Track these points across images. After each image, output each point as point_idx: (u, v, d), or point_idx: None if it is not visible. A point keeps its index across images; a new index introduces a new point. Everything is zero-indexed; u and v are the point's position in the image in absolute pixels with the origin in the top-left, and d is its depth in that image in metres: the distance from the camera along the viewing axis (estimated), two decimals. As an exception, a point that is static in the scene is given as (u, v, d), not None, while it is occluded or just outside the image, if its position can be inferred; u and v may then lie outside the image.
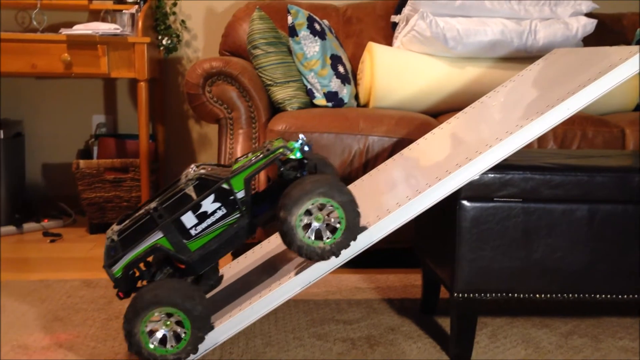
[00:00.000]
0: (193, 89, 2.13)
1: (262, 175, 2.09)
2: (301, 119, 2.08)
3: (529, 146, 1.97)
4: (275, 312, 1.71)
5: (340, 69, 2.34)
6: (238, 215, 1.37)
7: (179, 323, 1.31)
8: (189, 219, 1.36)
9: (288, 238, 1.31)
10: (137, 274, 1.41)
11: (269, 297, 1.36)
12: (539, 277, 1.43)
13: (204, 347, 1.35)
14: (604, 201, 1.42)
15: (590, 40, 2.45)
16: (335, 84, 2.29)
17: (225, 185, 1.36)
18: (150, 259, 1.44)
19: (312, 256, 1.32)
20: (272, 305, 1.36)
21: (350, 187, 1.76)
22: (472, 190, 1.40)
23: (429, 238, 1.62)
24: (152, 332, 1.31)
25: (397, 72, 2.33)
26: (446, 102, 2.35)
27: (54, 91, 2.87)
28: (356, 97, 2.42)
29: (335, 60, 2.33)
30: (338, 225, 1.32)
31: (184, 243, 1.36)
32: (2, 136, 2.55)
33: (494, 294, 1.43)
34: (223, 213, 1.37)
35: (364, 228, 1.36)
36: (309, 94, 2.29)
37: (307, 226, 1.31)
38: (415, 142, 1.80)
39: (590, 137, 2.11)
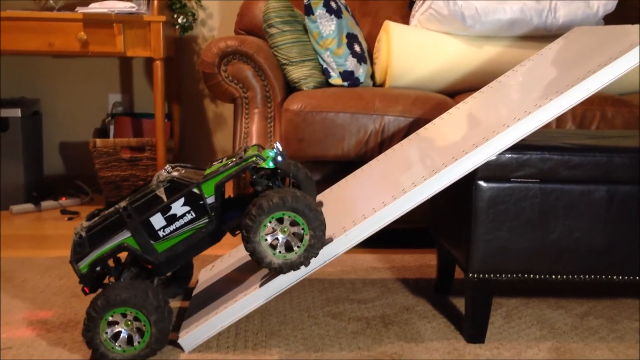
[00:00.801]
0: (208, 68, 2.13)
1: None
2: (316, 99, 2.07)
3: (547, 126, 1.95)
4: (290, 290, 1.72)
5: (357, 47, 2.32)
6: (207, 220, 1.39)
7: (139, 329, 1.33)
8: (157, 221, 1.37)
9: (247, 238, 1.33)
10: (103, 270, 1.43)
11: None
12: (556, 258, 1.42)
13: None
14: (623, 182, 1.41)
15: (611, 19, 2.40)
16: (351, 63, 2.28)
17: (195, 190, 1.37)
18: (124, 256, 1.46)
19: (264, 263, 1.34)
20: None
21: (365, 167, 1.76)
22: (488, 170, 1.39)
23: (444, 218, 1.61)
24: (111, 325, 1.32)
25: (414, 51, 2.31)
26: (463, 81, 2.33)
27: (70, 70, 2.88)
28: (372, 76, 2.41)
29: (352, 39, 2.31)
30: (296, 248, 1.34)
31: (151, 244, 1.38)
32: (20, 115, 2.57)
33: (509, 275, 1.43)
34: (192, 217, 1.38)
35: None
36: (325, 73, 2.27)
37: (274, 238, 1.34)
38: (431, 122, 1.78)
39: (609, 118, 2.08)
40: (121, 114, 2.84)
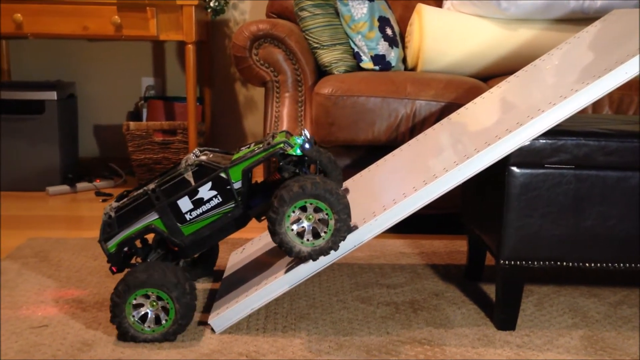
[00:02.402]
0: (240, 52, 2.13)
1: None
2: (347, 83, 2.06)
3: (583, 111, 1.91)
4: (320, 275, 1.73)
5: (388, 31, 2.29)
6: (233, 205, 1.40)
7: (164, 308, 1.35)
8: (185, 204, 1.39)
9: (273, 230, 1.34)
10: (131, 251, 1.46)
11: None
12: (589, 245, 1.40)
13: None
14: (661, 169, 1.37)
15: (652, 1, 2.33)
16: (382, 47, 2.26)
17: (223, 175, 1.38)
18: (151, 237, 1.48)
19: (290, 252, 1.35)
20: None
21: (396, 151, 1.75)
22: (522, 156, 1.37)
23: (476, 204, 1.60)
24: (137, 307, 1.35)
25: (447, 34, 2.27)
26: (497, 65, 2.29)
27: (104, 53, 2.92)
28: (404, 60, 2.38)
29: (383, 22, 2.29)
30: (323, 234, 1.34)
31: (178, 226, 1.40)
32: (55, 98, 2.62)
33: (541, 262, 1.41)
34: (219, 201, 1.39)
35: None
36: (356, 57, 2.26)
37: (298, 225, 1.34)
38: (463, 107, 1.76)
39: (648, 103, 2.03)
40: (154, 97, 2.87)
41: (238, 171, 1.39)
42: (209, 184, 1.38)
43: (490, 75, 2.29)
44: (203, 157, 1.42)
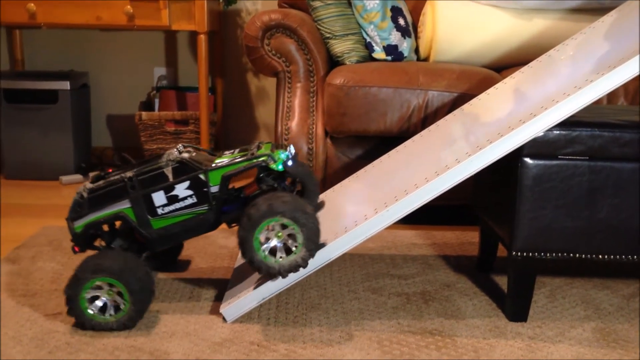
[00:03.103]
0: (252, 42, 2.13)
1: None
2: (359, 73, 2.05)
3: (597, 102, 1.89)
4: (331, 265, 1.73)
5: (401, 21, 2.28)
6: (207, 207, 1.40)
7: (119, 294, 1.35)
8: (159, 198, 1.39)
9: (243, 249, 1.34)
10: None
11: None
12: (603, 237, 1.39)
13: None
14: (677, 161, 1.36)
15: (669, -10, 2.29)
16: (395, 37, 2.24)
17: (202, 176, 1.39)
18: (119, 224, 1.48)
19: (261, 270, 1.35)
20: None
21: (408, 142, 1.74)
22: (535, 147, 1.36)
23: (488, 195, 1.59)
24: (92, 299, 1.35)
25: (460, 24, 2.25)
26: (511, 55, 2.27)
27: (117, 44, 2.93)
28: (416, 50, 2.37)
29: (396, 12, 2.27)
30: (294, 248, 1.34)
31: (148, 219, 1.40)
32: (69, 87, 2.63)
33: (554, 254, 1.40)
34: (193, 202, 1.39)
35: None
36: (368, 47, 2.25)
37: (268, 240, 1.35)
38: (476, 97, 1.75)
39: (664, 94, 2.00)
40: (166, 87, 2.88)
41: (218, 176, 1.39)
42: (187, 183, 1.39)
43: (504, 65, 2.27)
44: (185, 155, 1.41)
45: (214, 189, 1.39)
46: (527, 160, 1.37)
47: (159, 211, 1.40)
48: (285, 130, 2.12)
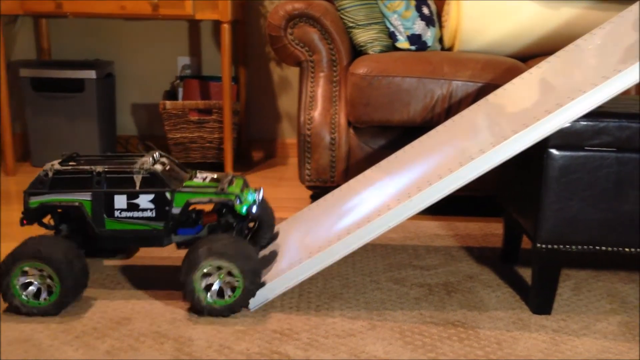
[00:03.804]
0: (275, 31, 2.13)
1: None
2: (383, 63, 2.04)
3: (625, 92, 1.86)
4: (353, 255, 1.74)
5: (425, 10, 2.26)
6: (162, 225, 1.41)
7: (50, 278, 1.36)
8: (120, 201, 1.40)
9: (184, 291, 1.37)
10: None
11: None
12: (630, 230, 1.37)
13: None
14: None
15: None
16: (419, 27, 2.23)
17: (168, 195, 1.40)
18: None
19: (201, 311, 1.38)
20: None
21: (432, 132, 1.73)
22: (561, 138, 1.34)
23: (512, 186, 1.57)
24: (24, 281, 1.37)
25: (485, 13, 2.23)
26: (537, 45, 2.24)
27: (141, 33, 2.95)
28: (440, 40, 2.35)
29: (420, 1, 2.25)
30: (231, 294, 1.37)
31: (104, 217, 1.41)
32: (95, 76, 2.66)
33: (579, 246, 1.39)
34: (151, 215, 1.41)
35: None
36: (392, 36, 2.23)
37: (208, 280, 1.37)
38: (501, 87, 1.73)
39: (695, 84, 1.96)
40: (189, 76, 2.89)
41: (183, 199, 1.41)
42: (151, 196, 1.40)
43: (530, 55, 2.24)
44: (159, 167, 1.43)
45: (176, 210, 1.41)
46: (553, 151, 1.35)
47: (116, 213, 1.41)
48: (307, 119, 2.12)
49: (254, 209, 1.44)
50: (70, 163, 1.46)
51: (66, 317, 1.38)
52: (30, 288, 1.37)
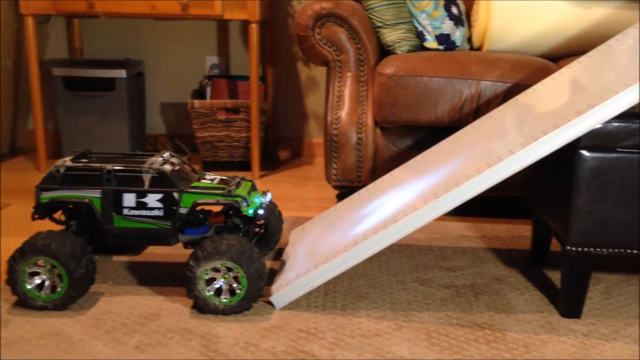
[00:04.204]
0: (303, 31, 2.13)
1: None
2: (411, 62, 2.03)
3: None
4: (379, 255, 1.73)
5: (454, 9, 2.24)
6: (170, 224, 1.43)
7: (60, 276, 1.38)
8: (129, 200, 1.43)
9: (189, 285, 1.38)
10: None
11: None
12: (663, 234, 1.34)
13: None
14: None
15: None
16: (447, 26, 2.21)
17: (176, 195, 1.42)
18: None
19: (205, 309, 1.39)
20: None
21: (460, 133, 1.72)
22: (593, 139, 1.32)
23: (542, 188, 1.56)
24: (32, 275, 1.39)
25: (516, 12, 2.20)
26: (568, 45, 2.21)
27: (171, 32, 2.98)
28: (469, 39, 2.33)
29: (449, 0, 2.24)
30: (238, 292, 1.37)
31: (112, 215, 1.43)
32: (125, 75, 2.69)
33: (610, 249, 1.37)
34: (159, 214, 1.43)
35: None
36: (420, 36, 2.22)
37: (212, 279, 1.39)
38: (531, 88, 1.71)
39: None
40: (218, 75, 2.91)
41: (190, 200, 1.43)
42: (160, 196, 1.42)
43: (561, 55, 2.21)
44: (168, 167, 1.45)
45: (183, 210, 1.43)
46: (585, 152, 1.33)
47: (125, 211, 1.44)
48: (334, 119, 2.12)
49: (261, 212, 1.45)
50: (82, 160, 1.49)
51: (96, 312, 1.41)
52: (39, 281, 1.40)
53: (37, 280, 1.40)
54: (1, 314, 1.39)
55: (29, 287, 1.39)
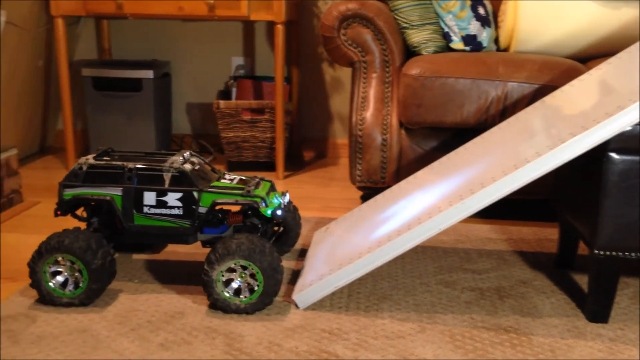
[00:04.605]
0: (328, 32, 2.14)
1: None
2: (436, 63, 2.02)
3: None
4: (403, 257, 1.73)
5: (481, 10, 2.23)
6: (189, 223, 1.44)
7: (80, 272, 1.40)
8: (149, 198, 1.44)
9: (207, 289, 1.40)
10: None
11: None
12: (694, 239, 1.31)
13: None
14: None
15: None
16: (474, 27, 2.19)
17: (195, 194, 1.43)
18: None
19: (227, 310, 1.40)
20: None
21: (486, 134, 1.71)
22: (622, 142, 1.30)
23: (569, 191, 1.53)
24: (55, 275, 1.41)
25: (543, 13, 2.18)
26: (597, 46, 2.17)
27: (197, 33, 3.01)
28: (496, 40, 2.31)
29: (476, 1, 2.22)
30: (256, 288, 1.38)
31: (133, 212, 1.45)
32: (152, 76, 2.73)
33: (639, 253, 1.34)
34: (179, 213, 1.44)
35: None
36: (446, 37, 2.21)
37: (230, 280, 1.39)
38: (559, 89, 1.69)
39: None
40: (243, 76, 2.93)
41: (209, 199, 1.44)
42: (179, 195, 1.44)
43: (590, 56, 2.18)
44: (188, 166, 1.46)
45: (202, 209, 1.44)
46: (614, 155, 1.31)
47: (145, 209, 1.45)
48: (359, 120, 2.12)
49: (279, 212, 1.46)
50: (104, 158, 1.51)
51: (122, 309, 1.43)
52: (59, 278, 1.42)
53: (60, 279, 1.42)
54: (0, 312, 1.42)
55: (52, 286, 1.42)
